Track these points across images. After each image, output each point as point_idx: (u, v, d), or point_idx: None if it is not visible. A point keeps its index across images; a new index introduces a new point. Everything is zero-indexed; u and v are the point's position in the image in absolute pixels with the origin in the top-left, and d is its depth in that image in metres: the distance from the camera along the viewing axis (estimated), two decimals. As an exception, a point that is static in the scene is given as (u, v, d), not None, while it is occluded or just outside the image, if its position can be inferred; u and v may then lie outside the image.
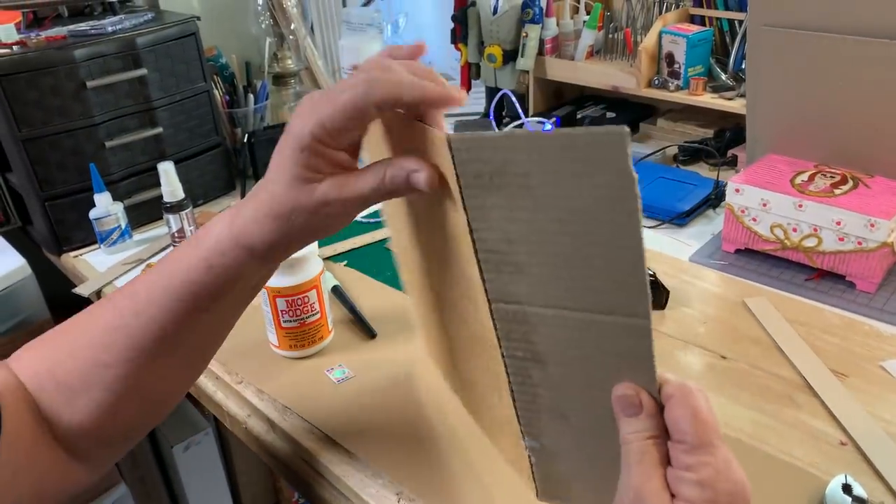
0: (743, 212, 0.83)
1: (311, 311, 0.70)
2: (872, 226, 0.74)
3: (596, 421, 0.41)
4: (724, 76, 1.12)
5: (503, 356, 0.43)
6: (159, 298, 0.46)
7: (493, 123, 1.22)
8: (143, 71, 1.00)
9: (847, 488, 0.50)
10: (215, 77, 1.19)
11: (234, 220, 0.46)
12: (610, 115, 1.25)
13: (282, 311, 0.69)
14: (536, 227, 0.37)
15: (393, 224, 0.62)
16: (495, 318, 0.42)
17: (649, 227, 0.95)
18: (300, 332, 0.70)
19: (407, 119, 0.44)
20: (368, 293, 0.83)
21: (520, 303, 0.40)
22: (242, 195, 1.14)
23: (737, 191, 0.83)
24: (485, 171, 0.37)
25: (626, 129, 0.31)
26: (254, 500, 1.48)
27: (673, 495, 0.33)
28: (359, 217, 1.00)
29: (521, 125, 1.23)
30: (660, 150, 1.15)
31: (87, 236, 1.01)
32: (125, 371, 0.46)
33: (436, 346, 0.65)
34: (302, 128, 0.41)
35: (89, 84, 0.95)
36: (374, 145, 0.51)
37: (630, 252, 0.35)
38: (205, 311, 0.47)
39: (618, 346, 0.38)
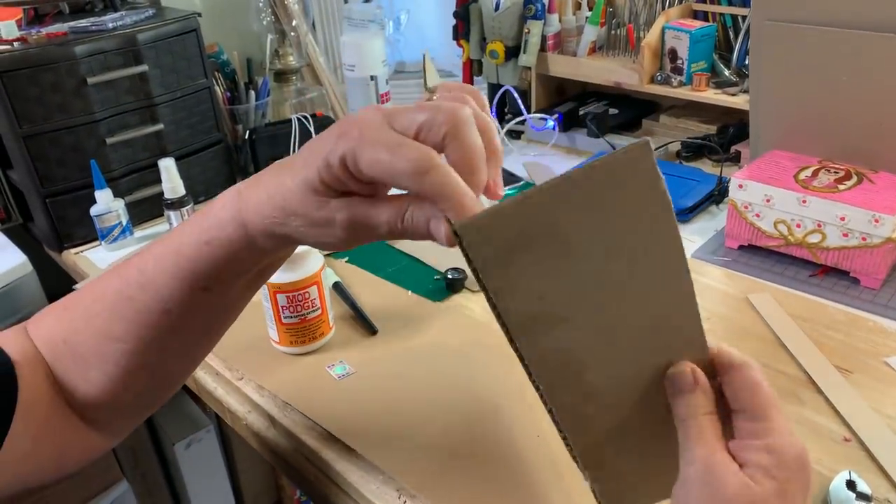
0: (746, 208, 0.83)
1: (312, 307, 0.70)
2: (877, 221, 0.73)
3: (656, 420, 0.41)
4: (727, 72, 1.11)
5: (549, 410, 0.41)
6: (164, 273, 0.45)
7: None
8: (143, 67, 1.00)
9: (851, 485, 0.50)
10: (216, 74, 1.18)
11: (242, 191, 0.43)
12: (612, 111, 1.25)
13: (282, 306, 0.69)
14: (571, 270, 0.37)
15: None
16: (536, 379, 0.39)
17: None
18: (301, 328, 0.70)
19: None
20: (370, 289, 0.82)
21: (568, 349, 0.39)
22: (244, 192, 1.14)
23: (740, 186, 0.83)
24: (501, 247, 0.35)
25: (648, 139, 0.34)
26: (255, 497, 1.47)
27: (741, 465, 0.34)
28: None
29: (523, 121, 1.23)
30: (662, 146, 1.15)
31: (89, 233, 1.00)
32: (133, 347, 0.46)
33: None
34: (340, 144, 0.37)
35: (90, 80, 0.95)
36: None
37: (670, 246, 0.37)
38: (206, 291, 0.45)
39: (674, 342, 0.40)
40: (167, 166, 0.94)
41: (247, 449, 1.39)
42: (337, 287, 0.80)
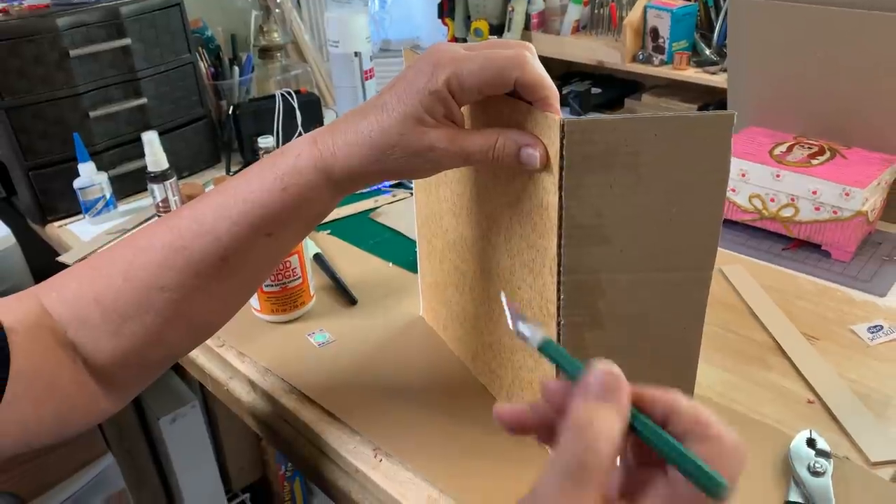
0: (722, 182, 0.84)
1: (293, 275, 0.71)
2: (847, 195, 0.75)
3: (635, 369, 0.46)
4: (708, 51, 1.12)
5: (559, 324, 0.47)
6: (226, 221, 0.46)
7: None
8: (126, 41, 1.00)
9: (811, 442, 0.51)
10: (200, 49, 1.18)
11: (318, 140, 0.46)
12: (595, 90, 1.26)
13: (263, 275, 0.69)
14: (633, 201, 0.42)
15: (426, 192, 0.63)
16: (562, 290, 0.45)
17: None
18: (282, 297, 0.71)
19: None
20: (351, 261, 0.83)
21: (595, 272, 0.45)
22: (227, 168, 1.14)
23: (716, 161, 0.84)
24: (593, 152, 0.41)
25: (734, 112, 0.40)
26: (240, 472, 1.49)
27: None
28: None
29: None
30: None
31: (72, 206, 1.01)
32: (179, 295, 0.46)
33: (445, 312, 0.66)
34: (437, 73, 0.42)
35: (72, 53, 0.95)
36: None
37: (713, 216, 0.43)
38: (269, 236, 0.47)
39: (680, 298, 0.46)
40: (150, 139, 0.94)
41: (232, 424, 1.41)
42: (317, 258, 0.81)
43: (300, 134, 1.13)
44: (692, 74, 1.10)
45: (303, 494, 1.57)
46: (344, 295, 0.76)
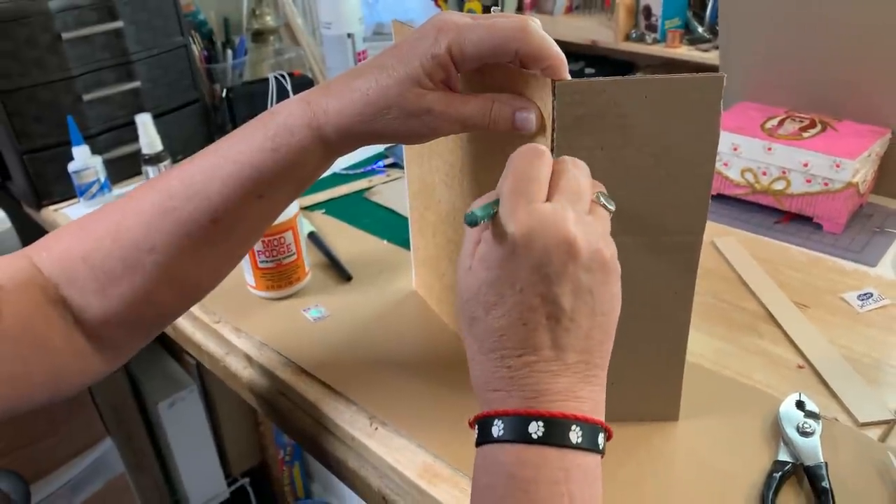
0: (714, 157, 0.85)
1: (288, 251, 0.71)
2: (838, 166, 0.76)
3: (625, 333, 0.45)
4: (700, 29, 1.12)
5: None
6: (217, 182, 0.45)
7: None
8: (119, 23, 0.99)
9: (800, 404, 0.52)
10: (193, 32, 1.18)
11: (310, 100, 0.46)
12: (589, 70, 1.26)
13: (258, 251, 0.70)
14: (623, 163, 0.43)
15: (418, 164, 0.64)
16: None
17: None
18: (277, 273, 0.71)
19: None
20: (345, 239, 0.84)
21: None
22: (222, 151, 1.14)
23: (708, 136, 0.84)
24: (584, 113, 0.41)
25: (724, 74, 0.40)
26: (240, 457, 1.50)
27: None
28: (337, 168, 1.01)
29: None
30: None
31: (67, 190, 1.01)
32: (168, 258, 0.46)
33: (439, 285, 0.67)
34: (441, 37, 0.43)
35: (65, 36, 0.94)
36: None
37: (704, 178, 0.43)
38: (260, 198, 0.46)
39: (671, 262, 0.46)
40: (144, 121, 0.94)
41: (231, 409, 1.41)
42: (312, 236, 0.81)
43: (294, 116, 1.13)
44: (685, 52, 1.10)
45: (302, 478, 1.58)
46: (339, 271, 0.77)
